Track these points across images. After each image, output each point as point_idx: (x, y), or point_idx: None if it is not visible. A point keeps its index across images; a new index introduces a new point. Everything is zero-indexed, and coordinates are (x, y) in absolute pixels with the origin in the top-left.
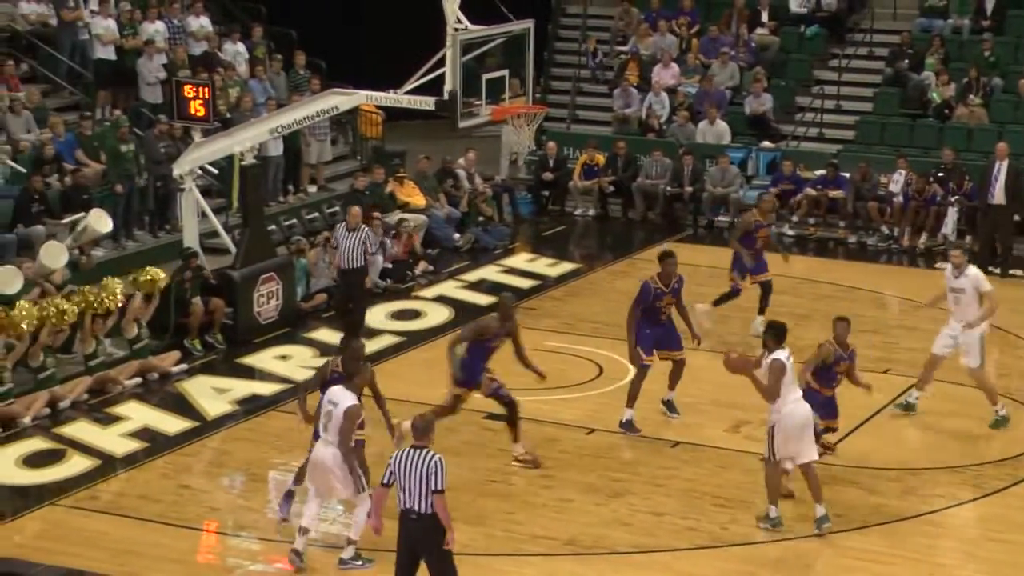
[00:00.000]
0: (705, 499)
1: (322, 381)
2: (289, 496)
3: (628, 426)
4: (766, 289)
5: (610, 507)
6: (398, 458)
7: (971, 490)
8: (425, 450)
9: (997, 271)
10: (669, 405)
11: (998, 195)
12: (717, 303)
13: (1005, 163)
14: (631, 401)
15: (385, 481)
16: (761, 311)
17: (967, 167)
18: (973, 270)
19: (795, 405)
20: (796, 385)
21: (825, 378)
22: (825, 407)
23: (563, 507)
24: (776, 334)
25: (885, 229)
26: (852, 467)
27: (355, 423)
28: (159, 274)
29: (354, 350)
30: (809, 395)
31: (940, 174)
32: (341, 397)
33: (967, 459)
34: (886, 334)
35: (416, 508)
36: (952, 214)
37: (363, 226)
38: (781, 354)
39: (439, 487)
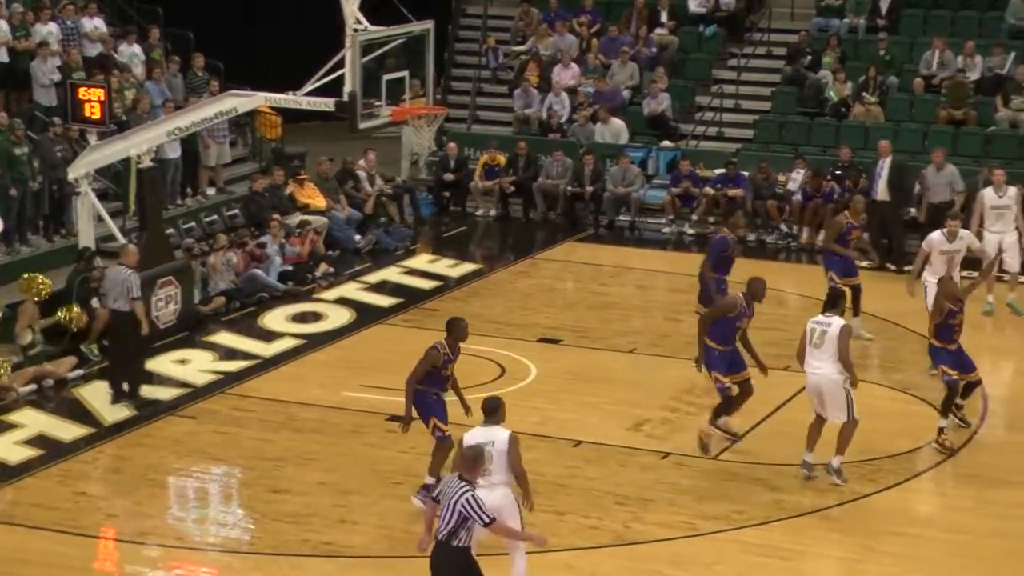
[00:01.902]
0: (607, 498)
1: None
2: (429, 488)
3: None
4: (857, 291)
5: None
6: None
7: (870, 484)
8: (463, 483)
9: (892, 266)
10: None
11: (881, 191)
12: (856, 311)
13: (888, 160)
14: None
15: (437, 496)
16: (856, 312)
17: (864, 165)
18: (966, 232)
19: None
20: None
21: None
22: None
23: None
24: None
25: (784, 227)
26: (753, 463)
27: (520, 447)
28: (43, 279)
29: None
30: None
31: (838, 172)
32: (494, 434)
33: (865, 454)
34: (786, 331)
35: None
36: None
37: (128, 269)
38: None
39: (487, 520)
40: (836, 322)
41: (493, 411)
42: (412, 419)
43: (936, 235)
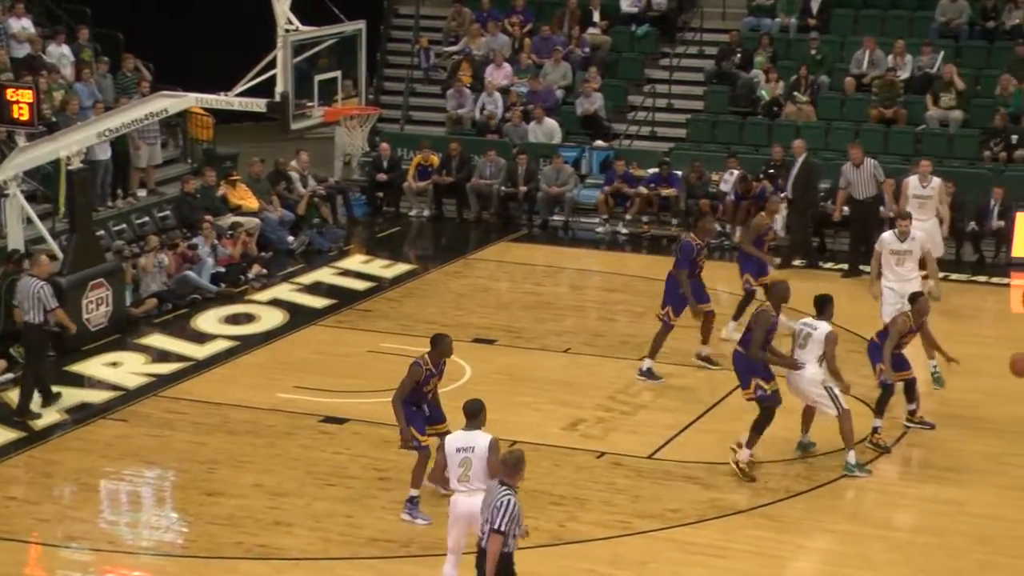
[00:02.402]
0: (542, 498)
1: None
2: (414, 501)
3: (648, 374)
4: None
5: (447, 508)
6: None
7: (803, 482)
8: (505, 487)
9: (799, 263)
10: (707, 359)
11: (789, 189)
12: (738, 315)
13: (802, 159)
14: (653, 353)
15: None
16: (737, 316)
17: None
18: (918, 233)
19: None
20: None
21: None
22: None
23: (400, 509)
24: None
25: (717, 226)
26: (688, 462)
27: (499, 451)
28: None
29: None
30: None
31: (770, 171)
32: (475, 439)
33: (799, 452)
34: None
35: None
36: (782, 210)
37: (38, 280)
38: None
39: (498, 525)
40: (822, 327)
41: (475, 414)
42: (411, 436)
43: (887, 235)
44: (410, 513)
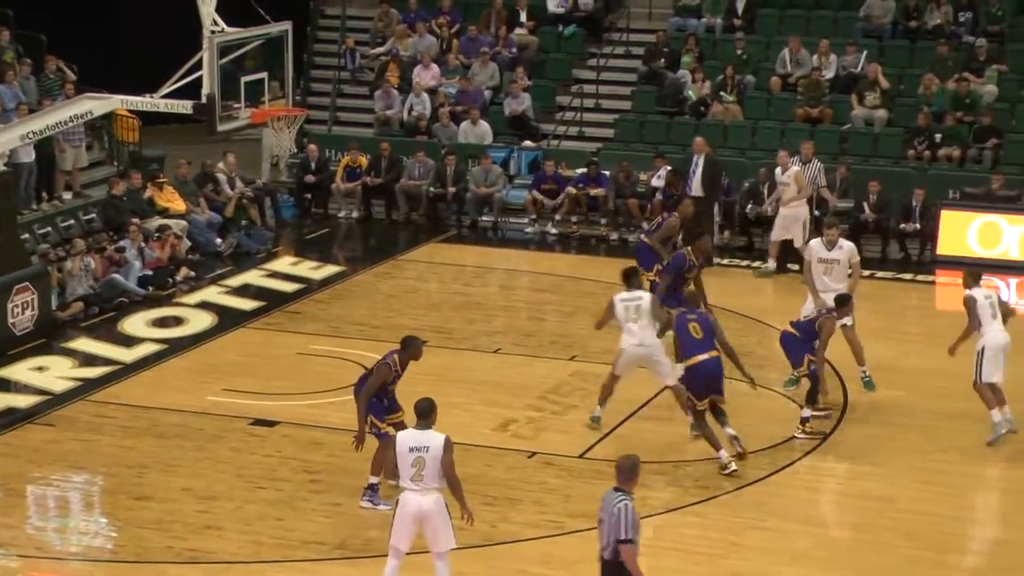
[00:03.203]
0: (474, 498)
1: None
2: (374, 488)
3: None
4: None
5: (379, 509)
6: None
7: (732, 480)
8: (620, 493)
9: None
10: None
11: (696, 187)
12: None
13: (703, 156)
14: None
15: (631, 536)
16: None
17: (723, 163)
18: (847, 243)
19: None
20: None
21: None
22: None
23: (332, 511)
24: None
25: (645, 225)
26: (613, 460)
27: (453, 452)
28: None
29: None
30: None
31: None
32: (428, 438)
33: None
34: None
35: (601, 551)
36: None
37: None
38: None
39: (624, 536)
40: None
41: (427, 413)
42: (367, 430)
43: (815, 242)
44: (370, 500)
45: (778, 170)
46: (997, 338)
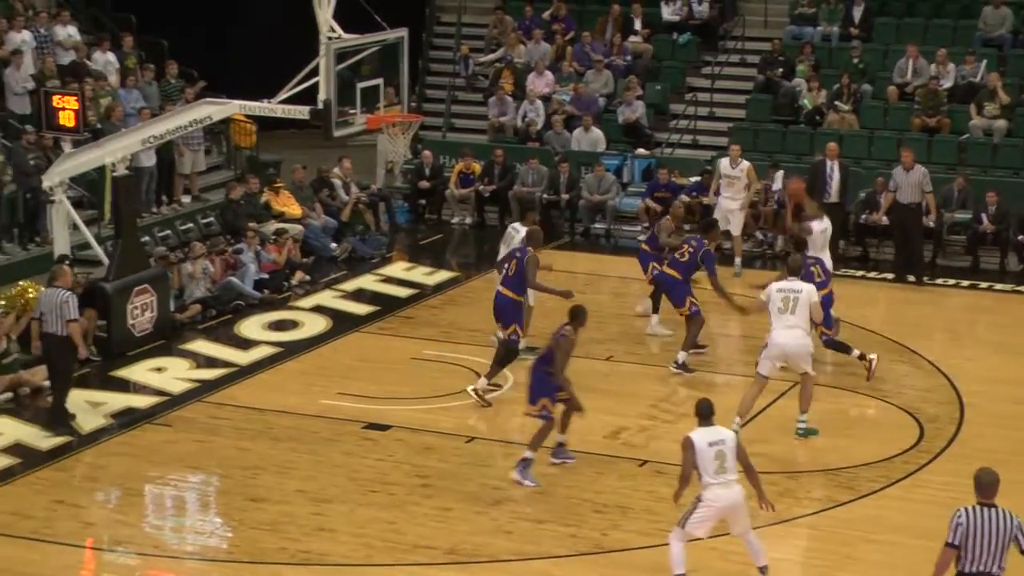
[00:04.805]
0: (585, 505)
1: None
2: (527, 463)
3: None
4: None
5: (490, 515)
6: (971, 516)
7: (846, 492)
8: (996, 508)
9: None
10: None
11: (835, 193)
12: (656, 308)
13: (837, 163)
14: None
15: (950, 540)
16: (656, 309)
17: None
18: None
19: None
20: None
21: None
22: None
23: (443, 516)
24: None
25: (759, 235)
26: None
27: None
28: (29, 290)
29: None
30: None
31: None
32: (721, 433)
33: (842, 462)
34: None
35: (988, 571)
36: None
37: (64, 291)
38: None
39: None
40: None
41: (710, 413)
42: (544, 409)
43: (723, 160)
44: (521, 473)
45: (724, 161)
46: None
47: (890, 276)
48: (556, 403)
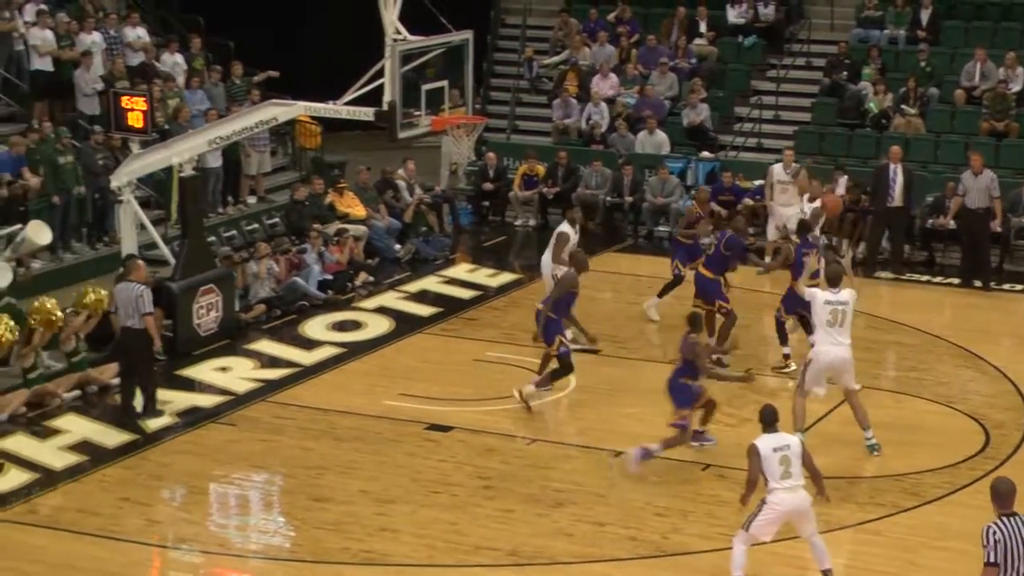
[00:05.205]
0: (647, 509)
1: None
2: (648, 453)
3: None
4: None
5: (552, 517)
6: (1004, 530)
7: (911, 498)
8: (1018, 515)
9: (889, 273)
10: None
11: (898, 197)
12: (662, 294)
13: (900, 166)
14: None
15: (991, 560)
16: (662, 294)
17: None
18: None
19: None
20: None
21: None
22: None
23: (505, 517)
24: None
25: (824, 239)
26: None
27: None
28: (102, 294)
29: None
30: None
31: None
32: (785, 438)
33: (906, 467)
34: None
35: None
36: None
37: (139, 285)
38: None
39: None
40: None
41: (774, 419)
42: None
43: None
44: (638, 457)
45: (777, 167)
46: None
47: (956, 281)
48: (694, 411)
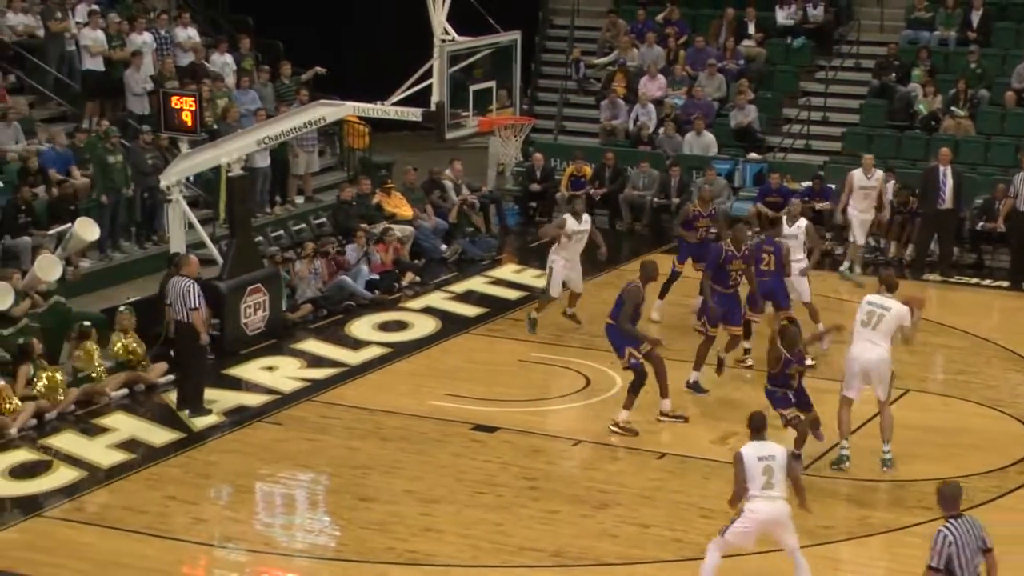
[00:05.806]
0: (692, 511)
1: None
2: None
3: (695, 387)
4: (677, 276)
5: (596, 519)
6: (956, 532)
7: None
8: (964, 516)
9: (937, 276)
10: (695, 385)
11: (948, 199)
12: (662, 295)
13: (950, 168)
14: (698, 365)
15: (936, 564)
16: (662, 295)
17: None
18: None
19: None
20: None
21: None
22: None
23: (550, 518)
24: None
25: (872, 241)
26: (839, 478)
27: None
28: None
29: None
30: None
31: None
32: (772, 448)
33: (954, 471)
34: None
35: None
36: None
37: (188, 279)
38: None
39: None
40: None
41: (762, 427)
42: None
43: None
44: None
45: (857, 172)
46: None
47: (1005, 284)
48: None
